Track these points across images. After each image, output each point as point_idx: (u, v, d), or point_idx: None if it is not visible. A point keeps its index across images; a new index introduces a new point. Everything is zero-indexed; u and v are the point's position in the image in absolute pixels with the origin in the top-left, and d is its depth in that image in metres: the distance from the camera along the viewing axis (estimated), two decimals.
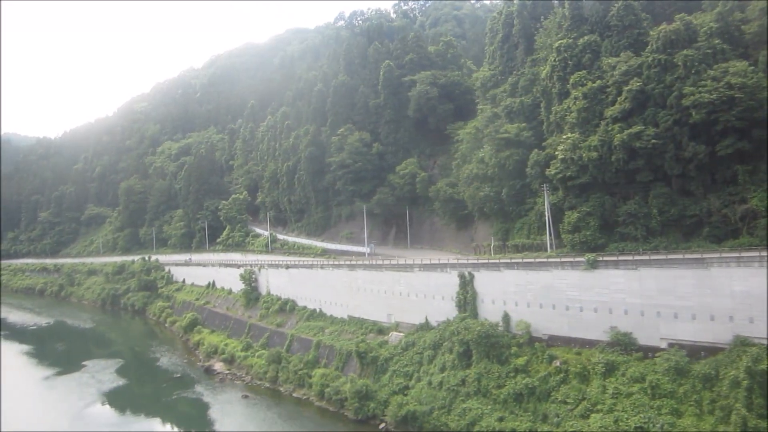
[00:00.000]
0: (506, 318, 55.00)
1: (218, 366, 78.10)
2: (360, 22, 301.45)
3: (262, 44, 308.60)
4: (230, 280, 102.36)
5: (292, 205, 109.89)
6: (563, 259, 51.94)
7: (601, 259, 49.61)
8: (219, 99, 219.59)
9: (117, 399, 70.31)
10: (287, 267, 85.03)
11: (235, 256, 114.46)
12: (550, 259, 53.04)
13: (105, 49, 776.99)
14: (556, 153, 59.22)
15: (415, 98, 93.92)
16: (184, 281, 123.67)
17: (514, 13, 79.24)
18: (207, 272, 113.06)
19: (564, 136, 58.76)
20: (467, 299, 58.19)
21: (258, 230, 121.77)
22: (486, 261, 58.04)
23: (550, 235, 59.70)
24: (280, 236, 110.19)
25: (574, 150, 56.71)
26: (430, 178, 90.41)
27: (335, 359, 66.73)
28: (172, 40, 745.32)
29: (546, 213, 60.14)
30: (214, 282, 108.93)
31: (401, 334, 63.83)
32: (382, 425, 55.27)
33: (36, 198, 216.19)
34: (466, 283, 58.49)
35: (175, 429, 62.35)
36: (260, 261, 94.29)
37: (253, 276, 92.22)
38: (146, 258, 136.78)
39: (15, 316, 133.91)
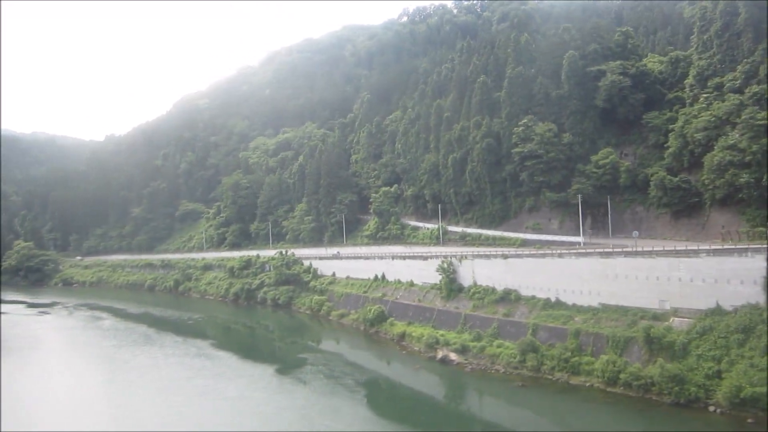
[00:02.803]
0: None
1: (453, 357, 78.37)
2: (419, 18, 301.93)
3: (320, 40, 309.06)
4: (410, 272, 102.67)
5: (459, 197, 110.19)
6: None
7: None
8: (305, 94, 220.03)
9: (394, 391, 71.02)
10: (505, 257, 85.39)
11: (396, 249, 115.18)
12: None
13: (131, 52, 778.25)
14: None
15: (606, 88, 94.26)
16: (334, 274, 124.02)
17: (739, 3, 79.67)
18: (371, 265, 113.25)
19: None
20: None
21: (412, 222, 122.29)
22: None
23: None
24: (452, 228, 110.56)
25: None
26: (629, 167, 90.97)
27: (608, 346, 66.96)
28: (190, 39, 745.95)
29: None
30: (383, 274, 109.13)
31: (686, 319, 64.13)
32: (712, 408, 55.69)
33: (124, 194, 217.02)
34: None
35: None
36: (461, 252, 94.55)
37: (452, 267, 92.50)
38: (283, 252, 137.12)
39: (157, 312, 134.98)
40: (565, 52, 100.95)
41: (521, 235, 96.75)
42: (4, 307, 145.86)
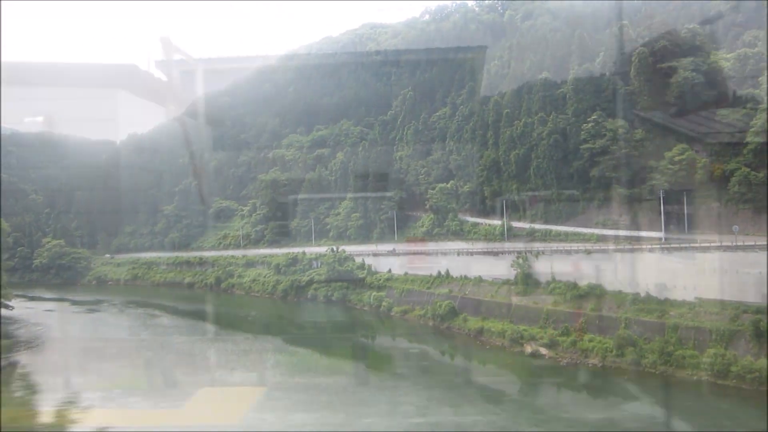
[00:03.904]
0: None
1: (543, 351, 79.01)
2: (440, 17, 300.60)
3: (340, 38, 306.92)
4: (478, 268, 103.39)
5: (522, 193, 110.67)
6: None
7: None
8: (336, 92, 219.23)
9: (503, 384, 71.75)
10: (588, 252, 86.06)
11: (457, 245, 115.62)
12: None
13: (137, 50, 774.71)
14: None
15: (679, 85, 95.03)
16: (390, 271, 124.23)
17: None
18: (431, 261, 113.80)
19: None
20: None
21: (469, 219, 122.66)
22: None
23: None
24: (516, 223, 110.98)
25: None
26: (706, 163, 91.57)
27: (712, 339, 67.72)
28: (199, 38, 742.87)
29: None
30: (447, 270, 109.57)
31: None
32: None
33: (153, 192, 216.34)
34: None
35: None
36: (534, 247, 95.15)
37: (527, 263, 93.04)
38: (334, 249, 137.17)
39: (208, 308, 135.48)
40: (631, 49, 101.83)
41: (596, 231, 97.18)
42: (51, 305, 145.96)
